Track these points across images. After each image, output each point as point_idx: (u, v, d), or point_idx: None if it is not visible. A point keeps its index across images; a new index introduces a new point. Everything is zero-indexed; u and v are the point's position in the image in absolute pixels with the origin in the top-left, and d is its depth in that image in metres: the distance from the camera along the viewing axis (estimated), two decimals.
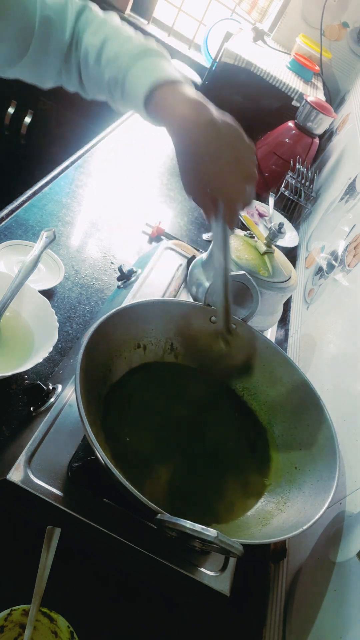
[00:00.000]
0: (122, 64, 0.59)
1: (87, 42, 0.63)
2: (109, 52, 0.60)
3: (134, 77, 0.58)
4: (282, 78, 1.70)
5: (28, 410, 0.70)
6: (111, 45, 0.60)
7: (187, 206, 1.47)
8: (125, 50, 0.59)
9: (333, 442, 0.64)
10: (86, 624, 0.56)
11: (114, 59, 0.59)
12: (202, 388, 0.76)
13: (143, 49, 0.59)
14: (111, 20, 0.64)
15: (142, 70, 0.57)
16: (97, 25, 0.63)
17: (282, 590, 0.69)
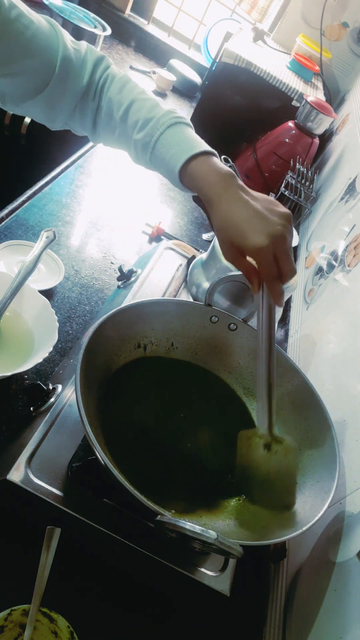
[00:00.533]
0: (152, 132, 0.63)
1: (113, 97, 0.67)
2: (138, 114, 0.65)
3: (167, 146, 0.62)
4: (282, 78, 1.70)
5: (28, 410, 0.70)
6: (139, 107, 0.65)
7: (187, 206, 1.47)
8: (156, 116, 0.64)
9: (333, 442, 0.64)
10: (86, 624, 0.57)
11: (144, 124, 0.64)
12: (203, 389, 0.76)
13: (173, 117, 0.64)
14: (132, 80, 0.69)
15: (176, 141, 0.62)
16: (121, 82, 0.68)
17: (282, 590, 0.69)
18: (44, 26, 0.66)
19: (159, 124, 0.64)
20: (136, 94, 0.67)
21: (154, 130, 0.64)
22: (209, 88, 1.78)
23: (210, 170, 0.60)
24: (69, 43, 0.67)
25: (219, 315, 0.77)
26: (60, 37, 0.66)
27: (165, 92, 2.08)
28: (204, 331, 0.77)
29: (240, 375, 0.78)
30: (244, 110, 1.77)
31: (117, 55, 2.15)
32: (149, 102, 0.66)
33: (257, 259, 0.56)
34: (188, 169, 0.61)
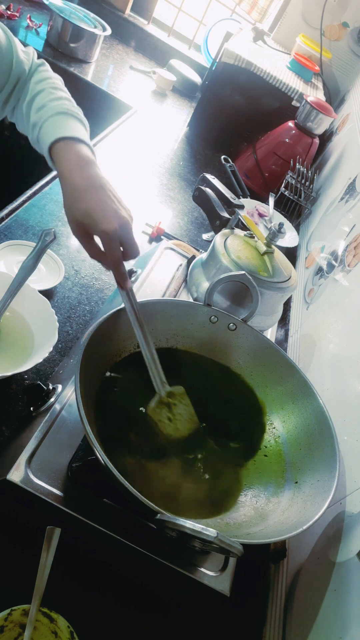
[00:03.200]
0: (43, 115, 0.70)
1: (29, 86, 0.74)
2: (39, 102, 0.72)
3: (48, 128, 0.69)
4: (282, 78, 1.70)
5: (28, 410, 0.70)
6: (42, 97, 0.72)
7: (187, 206, 1.47)
8: (50, 107, 0.70)
9: (333, 442, 0.64)
10: (86, 623, 0.56)
11: (40, 108, 0.71)
12: (202, 388, 0.76)
13: (63, 109, 0.70)
14: (56, 79, 0.76)
15: (54, 125, 0.68)
16: (42, 76, 0.75)
17: (282, 590, 0.69)
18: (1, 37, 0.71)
19: (52, 110, 0.70)
20: (48, 87, 0.73)
21: (45, 113, 0.70)
22: (209, 88, 1.78)
23: (71, 153, 0.66)
24: (21, 54, 0.74)
25: (219, 315, 0.77)
26: (14, 48, 0.73)
27: (165, 92, 2.08)
28: (203, 331, 0.77)
29: (240, 374, 0.78)
30: (244, 110, 1.77)
31: (117, 55, 2.15)
32: (56, 94, 0.72)
33: (104, 242, 0.62)
34: (55, 147, 0.67)
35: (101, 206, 0.62)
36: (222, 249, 0.86)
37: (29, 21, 1.92)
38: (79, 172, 0.64)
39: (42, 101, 0.71)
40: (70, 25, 1.82)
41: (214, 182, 1.01)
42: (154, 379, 0.68)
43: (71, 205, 0.63)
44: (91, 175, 0.64)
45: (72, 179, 0.64)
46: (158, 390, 0.68)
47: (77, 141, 0.67)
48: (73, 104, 0.73)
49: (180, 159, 1.69)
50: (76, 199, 0.63)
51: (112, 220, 0.61)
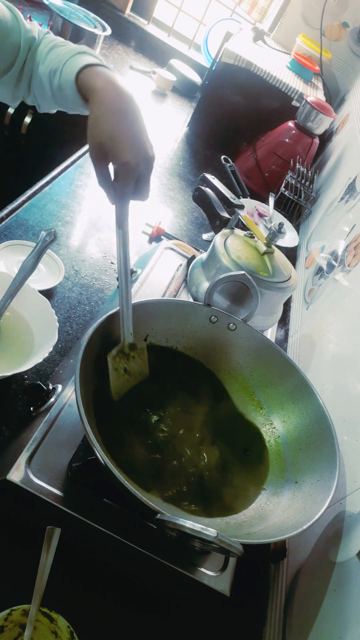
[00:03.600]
0: (61, 59, 0.68)
1: (39, 52, 0.73)
2: (54, 54, 0.70)
3: (69, 65, 0.67)
4: (282, 78, 1.70)
5: (28, 410, 0.70)
6: (56, 50, 0.71)
7: (187, 206, 1.47)
8: (66, 50, 0.70)
9: (333, 442, 0.64)
10: (86, 623, 0.56)
11: (56, 57, 0.69)
12: (202, 388, 0.76)
13: (80, 50, 0.68)
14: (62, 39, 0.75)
15: (76, 61, 0.67)
16: (50, 38, 0.75)
17: (282, 590, 0.69)
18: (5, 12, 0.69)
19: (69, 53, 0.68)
20: (58, 42, 0.72)
21: (64, 57, 0.68)
22: (209, 88, 1.78)
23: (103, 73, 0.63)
24: (27, 25, 0.72)
25: (219, 315, 0.77)
26: (20, 21, 0.71)
27: (165, 92, 2.08)
28: (203, 331, 0.77)
29: (240, 374, 0.78)
30: (244, 110, 1.77)
31: (117, 55, 2.15)
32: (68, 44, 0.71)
33: (121, 172, 0.58)
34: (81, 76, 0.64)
35: (129, 134, 0.57)
36: (222, 249, 0.86)
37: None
38: (114, 90, 0.60)
39: (57, 52, 0.69)
40: (70, 25, 1.82)
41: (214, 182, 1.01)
42: (121, 327, 0.66)
43: (98, 124, 0.58)
44: (126, 95, 0.60)
45: (106, 96, 0.59)
46: (123, 339, 0.66)
47: (104, 67, 0.64)
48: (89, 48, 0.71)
49: (180, 159, 1.69)
50: (106, 118, 0.58)
51: (137, 152, 0.57)
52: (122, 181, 0.59)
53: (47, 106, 0.76)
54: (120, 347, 0.66)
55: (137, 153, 0.57)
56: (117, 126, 0.57)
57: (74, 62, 0.66)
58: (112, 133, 0.57)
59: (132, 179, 0.58)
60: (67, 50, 0.69)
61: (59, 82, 0.67)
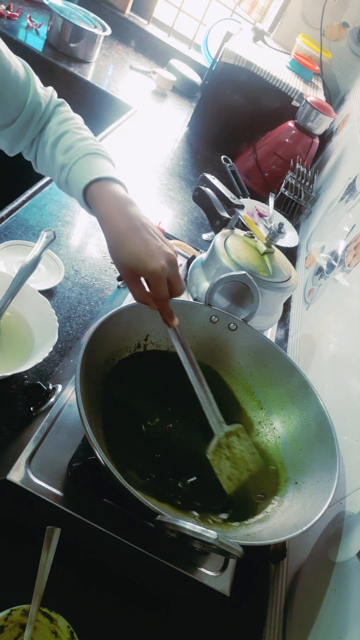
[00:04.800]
0: (72, 156, 0.68)
1: (51, 127, 0.73)
2: (65, 143, 0.70)
3: (79, 169, 0.67)
4: (282, 78, 1.70)
5: (28, 410, 0.70)
6: (68, 138, 0.71)
7: (187, 206, 1.47)
8: (78, 147, 0.69)
9: (333, 442, 0.64)
10: (86, 623, 0.56)
11: (67, 150, 0.70)
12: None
13: (92, 150, 0.69)
14: (78, 120, 0.75)
15: (86, 166, 0.67)
16: (64, 117, 0.74)
17: (282, 590, 0.69)
18: (21, 69, 0.71)
19: (81, 151, 0.69)
20: (72, 127, 0.73)
21: (74, 155, 0.69)
22: (209, 88, 1.78)
23: (109, 194, 0.65)
24: (39, 88, 0.73)
25: (219, 315, 0.77)
26: (32, 82, 0.72)
27: (165, 92, 2.08)
28: (203, 331, 0.77)
29: (240, 374, 0.78)
30: (244, 110, 1.77)
31: (117, 55, 2.15)
32: (81, 134, 0.72)
33: (153, 281, 0.61)
34: (90, 189, 0.66)
35: (147, 246, 0.60)
36: (222, 249, 0.86)
37: (29, 21, 1.92)
38: (120, 215, 0.63)
39: (68, 142, 0.70)
40: (70, 25, 1.82)
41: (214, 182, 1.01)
42: (210, 420, 0.67)
43: (117, 250, 0.62)
44: (132, 216, 0.63)
45: (115, 222, 0.62)
46: (216, 432, 0.67)
47: (112, 181, 0.66)
48: (99, 143, 0.73)
49: (180, 159, 1.69)
50: (122, 242, 0.61)
51: (159, 258, 0.60)
52: (155, 288, 0.61)
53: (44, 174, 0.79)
54: (217, 441, 0.67)
55: (160, 259, 0.60)
56: (134, 245, 0.60)
57: (83, 170, 0.67)
58: (131, 253, 0.60)
59: (163, 283, 0.61)
60: (79, 146, 0.69)
61: (67, 179, 0.69)
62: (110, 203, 0.64)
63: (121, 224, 0.62)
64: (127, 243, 0.61)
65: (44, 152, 0.73)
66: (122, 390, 0.68)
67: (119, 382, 0.69)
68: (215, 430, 0.67)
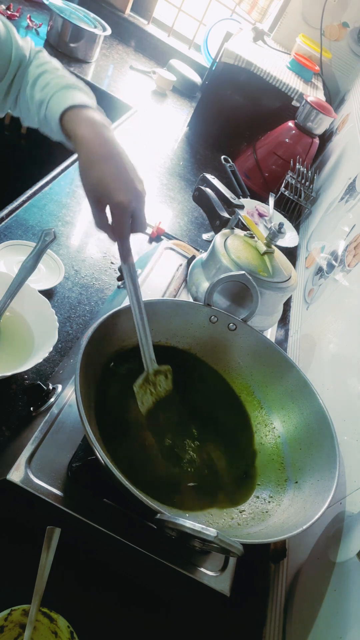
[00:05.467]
0: (49, 91, 0.69)
1: (30, 71, 0.73)
2: (42, 81, 0.71)
3: (55, 101, 0.68)
4: (282, 78, 1.70)
5: (28, 410, 0.70)
6: (46, 77, 0.71)
7: (187, 206, 1.47)
8: (55, 82, 0.70)
9: (333, 442, 0.64)
10: (86, 623, 0.57)
11: (45, 86, 0.70)
12: (202, 388, 0.76)
13: (69, 83, 0.69)
14: (55, 62, 0.75)
15: (62, 97, 0.68)
16: (42, 60, 0.74)
17: (282, 590, 0.69)
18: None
19: (58, 85, 0.69)
20: (49, 68, 0.73)
21: (51, 89, 0.69)
22: (209, 88, 1.78)
23: (85, 118, 0.65)
24: (19, 41, 0.73)
25: (219, 315, 0.77)
26: (12, 36, 0.72)
27: (165, 92, 2.08)
28: (203, 331, 0.77)
29: (240, 374, 0.78)
30: (244, 110, 1.77)
31: (117, 55, 2.15)
32: (58, 72, 0.72)
33: (116, 213, 0.60)
34: (67, 116, 0.65)
35: (117, 176, 0.60)
36: (222, 249, 0.86)
37: (29, 21, 1.92)
38: (96, 137, 0.62)
39: (46, 80, 0.70)
40: (70, 25, 1.82)
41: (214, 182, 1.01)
42: (143, 356, 0.67)
43: (87, 172, 0.61)
44: (108, 141, 0.62)
45: (89, 144, 0.62)
46: (147, 367, 0.67)
47: (88, 108, 0.66)
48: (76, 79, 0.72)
49: (180, 159, 1.69)
50: (93, 165, 0.61)
51: (126, 192, 0.59)
52: (118, 220, 0.61)
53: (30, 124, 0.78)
54: (145, 376, 0.68)
55: (127, 192, 0.60)
56: (104, 171, 0.60)
57: (59, 100, 0.67)
58: (100, 178, 0.60)
59: (127, 217, 0.61)
60: (56, 82, 0.70)
61: (45, 114, 0.69)
62: (86, 126, 0.63)
63: (96, 147, 0.62)
64: (98, 168, 0.60)
65: (25, 96, 0.73)
66: (122, 390, 0.68)
67: (119, 381, 0.69)
68: (146, 367, 0.67)
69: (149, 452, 0.65)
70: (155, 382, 0.69)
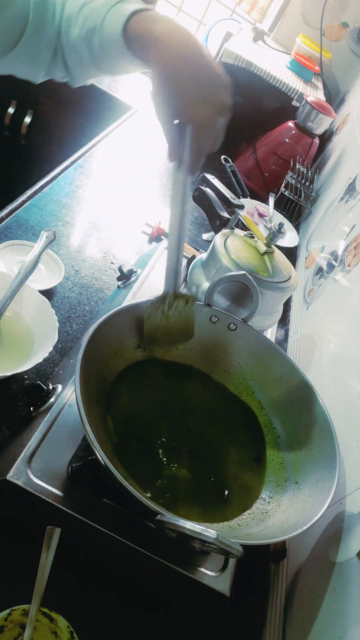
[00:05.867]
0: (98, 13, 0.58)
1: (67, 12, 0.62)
2: (86, 11, 0.60)
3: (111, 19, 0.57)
4: (282, 78, 1.70)
5: (28, 410, 0.69)
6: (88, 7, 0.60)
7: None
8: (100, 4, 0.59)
9: (333, 442, 0.64)
10: (86, 623, 0.56)
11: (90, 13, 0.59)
12: (202, 387, 0.76)
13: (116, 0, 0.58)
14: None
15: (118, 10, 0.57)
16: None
17: (282, 590, 0.69)
18: None
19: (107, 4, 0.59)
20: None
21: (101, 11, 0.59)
22: None
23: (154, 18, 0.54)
24: None
25: (219, 315, 0.77)
26: None
27: None
28: (204, 331, 0.77)
29: (240, 375, 0.78)
30: (244, 110, 1.77)
31: None
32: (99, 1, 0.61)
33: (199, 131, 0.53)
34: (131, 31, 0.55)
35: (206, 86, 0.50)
36: (222, 249, 0.86)
37: None
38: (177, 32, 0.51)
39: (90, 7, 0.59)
40: None
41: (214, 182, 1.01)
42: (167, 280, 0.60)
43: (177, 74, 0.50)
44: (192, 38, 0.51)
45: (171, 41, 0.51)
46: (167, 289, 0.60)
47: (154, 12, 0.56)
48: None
49: None
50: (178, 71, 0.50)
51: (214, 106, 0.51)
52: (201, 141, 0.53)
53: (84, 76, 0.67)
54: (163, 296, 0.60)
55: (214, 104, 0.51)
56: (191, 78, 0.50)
57: (116, 14, 0.56)
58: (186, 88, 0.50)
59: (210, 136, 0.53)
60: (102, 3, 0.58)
61: (100, 41, 0.58)
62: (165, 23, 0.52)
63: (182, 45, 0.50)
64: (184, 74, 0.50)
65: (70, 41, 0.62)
66: (122, 390, 0.68)
67: (119, 381, 0.69)
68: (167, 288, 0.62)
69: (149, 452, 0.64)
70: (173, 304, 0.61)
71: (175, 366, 0.76)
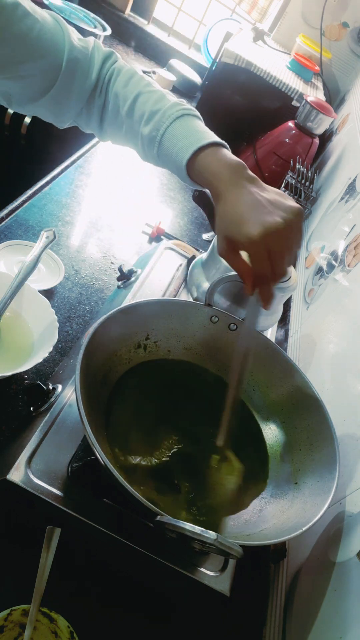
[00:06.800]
0: (158, 125, 0.60)
1: (119, 92, 0.64)
2: (144, 107, 0.62)
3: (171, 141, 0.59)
4: (282, 78, 1.70)
5: (28, 410, 0.70)
6: (145, 100, 0.62)
7: (187, 206, 1.47)
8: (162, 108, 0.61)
9: (333, 442, 0.64)
10: (86, 624, 0.56)
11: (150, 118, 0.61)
12: (202, 388, 0.76)
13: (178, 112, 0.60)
14: (139, 73, 0.67)
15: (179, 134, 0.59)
16: (127, 75, 0.66)
17: (282, 590, 0.69)
18: (49, 24, 0.62)
19: (165, 116, 0.60)
20: (142, 86, 0.64)
21: (160, 123, 0.60)
22: (209, 88, 1.78)
23: (220, 163, 0.56)
24: (75, 41, 0.65)
25: (219, 315, 0.77)
26: (67, 36, 0.64)
27: None
28: (204, 331, 0.77)
29: None
30: (244, 110, 1.77)
31: None
32: (155, 95, 0.63)
33: (249, 252, 0.52)
34: (196, 162, 0.58)
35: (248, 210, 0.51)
36: None
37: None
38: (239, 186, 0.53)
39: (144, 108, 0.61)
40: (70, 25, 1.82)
41: None
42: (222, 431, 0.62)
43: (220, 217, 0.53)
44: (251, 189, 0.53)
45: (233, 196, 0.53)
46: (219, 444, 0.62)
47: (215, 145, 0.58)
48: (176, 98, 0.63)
49: None
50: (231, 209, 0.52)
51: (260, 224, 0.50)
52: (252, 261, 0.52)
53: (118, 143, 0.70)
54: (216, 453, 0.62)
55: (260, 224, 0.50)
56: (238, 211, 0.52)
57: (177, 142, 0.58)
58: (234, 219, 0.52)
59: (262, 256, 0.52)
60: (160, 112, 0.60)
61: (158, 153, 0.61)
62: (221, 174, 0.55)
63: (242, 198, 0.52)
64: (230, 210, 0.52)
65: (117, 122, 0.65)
66: (123, 389, 0.68)
67: (120, 381, 0.69)
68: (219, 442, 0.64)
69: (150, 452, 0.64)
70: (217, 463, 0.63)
71: (175, 366, 0.76)
